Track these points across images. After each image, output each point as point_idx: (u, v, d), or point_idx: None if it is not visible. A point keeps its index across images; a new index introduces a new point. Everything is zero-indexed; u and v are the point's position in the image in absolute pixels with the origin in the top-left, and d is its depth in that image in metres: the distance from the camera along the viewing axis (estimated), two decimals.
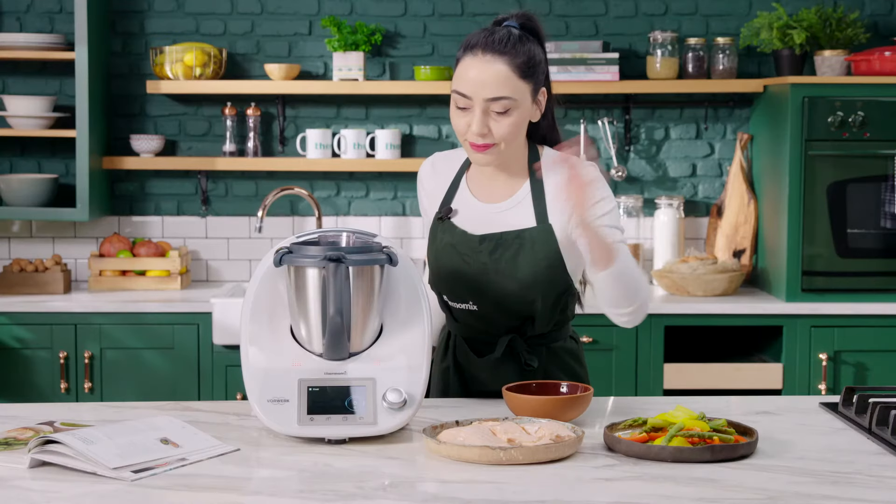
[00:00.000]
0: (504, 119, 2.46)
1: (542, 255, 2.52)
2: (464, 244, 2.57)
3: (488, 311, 2.59)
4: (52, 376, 4.27)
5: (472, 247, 2.56)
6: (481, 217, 2.59)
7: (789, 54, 4.51)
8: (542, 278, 2.53)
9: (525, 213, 2.56)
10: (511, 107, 2.45)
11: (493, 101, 2.44)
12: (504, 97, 2.44)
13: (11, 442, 2.19)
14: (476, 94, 2.45)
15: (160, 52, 4.59)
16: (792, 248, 4.30)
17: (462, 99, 2.47)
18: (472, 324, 2.62)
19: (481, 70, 2.44)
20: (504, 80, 2.44)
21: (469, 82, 2.45)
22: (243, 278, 4.81)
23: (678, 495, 1.92)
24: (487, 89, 2.44)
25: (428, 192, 2.70)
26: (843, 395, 2.48)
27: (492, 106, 2.45)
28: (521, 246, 2.53)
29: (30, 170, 4.79)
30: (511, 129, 2.47)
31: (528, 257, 2.53)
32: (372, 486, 1.97)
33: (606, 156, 4.82)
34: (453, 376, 2.69)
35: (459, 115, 2.49)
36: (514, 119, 2.47)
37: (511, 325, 2.60)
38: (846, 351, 4.28)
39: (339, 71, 4.61)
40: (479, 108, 2.45)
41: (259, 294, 2.34)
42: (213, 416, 2.42)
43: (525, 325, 2.60)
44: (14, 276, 4.48)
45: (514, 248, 2.54)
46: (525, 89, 2.47)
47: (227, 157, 4.69)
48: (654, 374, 4.24)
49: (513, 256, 2.53)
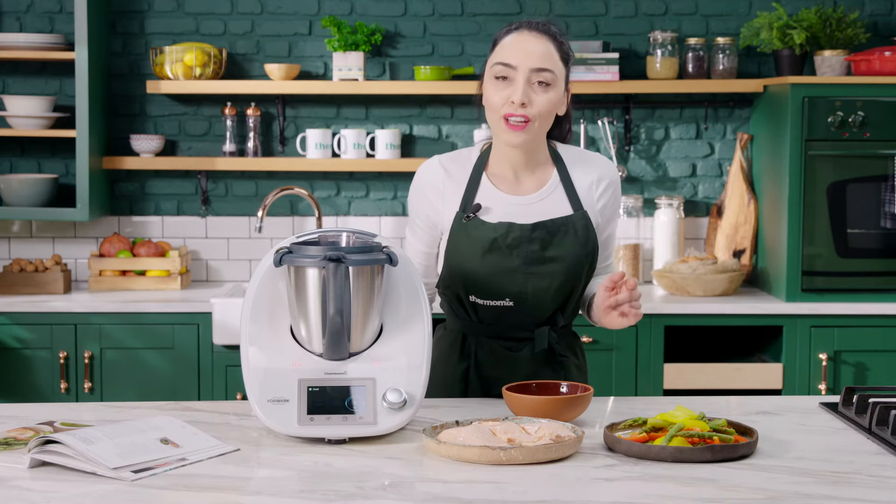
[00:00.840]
0: (545, 93, 2.53)
1: (586, 239, 2.61)
2: (511, 235, 2.58)
3: (529, 303, 2.61)
4: (52, 376, 4.27)
5: (521, 236, 2.58)
6: (516, 209, 2.61)
7: (789, 54, 4.51)
8: (585, 263, 2.62)
9: (560, 202, 2.63)
10: (552, 82, 2.54)
11: (538, 71, 2.52)
12: (548, 69, 2.53)
13: (11, 442, 2.19)
14: (522, 64, 2.52)
15: (160, 52, 4.59)
16: (792, 248, 4.30)
17: (505, 69, 2.53)
18: (500, 321, 2.62)
19: (530, 42, 2.54)
20: (549, 55, 2.54)
21: (516, 52, 2.53)
22: (243, 278, 4.81)
23: (678, 495, 1.92)
24: (534, 59, 2.52)
25: (442, 193, 2.64)
26: (843, 395, 2.48)
27: (535, 77, 2.52)
28: (567, 232, 2.60)
29: (30, 170, 4.79)
30: (548, 106, 2.55)
31: (575, 242, 2.60)
32: (372, 486, 1.97)
33: (607, 156, 4.82)
34: (474, 378, 2.69)
35: (498, 87, 2.54)
36: (552, 97, 2.54)
37: (542, 317, 2.64)
38: (846, 351, 4.28)
39: (339, 71, 4.61)
40: (522, 78, 2.52)
41: (259, 294, 2.34)
42: (213, 416, 2.42)
43: (556, 317, 2.65)
44: (14, 276, 4.48)
45: (563, 233, 2.60)
46: (562, 73, 2.57)
47: (227, 157, 4.69)
48: (654, 374, 4.24)
49: (562, 242, 2.59)
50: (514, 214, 2.60)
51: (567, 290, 2.62)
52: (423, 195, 2.67)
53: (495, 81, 2.55)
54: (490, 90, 2.56)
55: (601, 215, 2.66)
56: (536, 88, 2.52)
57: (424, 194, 2.66)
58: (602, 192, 2.66)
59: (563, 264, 2.59)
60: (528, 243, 2.58)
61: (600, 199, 2.65)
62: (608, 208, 2.67)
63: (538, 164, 2.64)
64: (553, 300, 2.62)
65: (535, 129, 2.54)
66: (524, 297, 2.60)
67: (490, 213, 2.60)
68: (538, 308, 2.62)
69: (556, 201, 2.62)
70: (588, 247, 2.61)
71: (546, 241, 2.59)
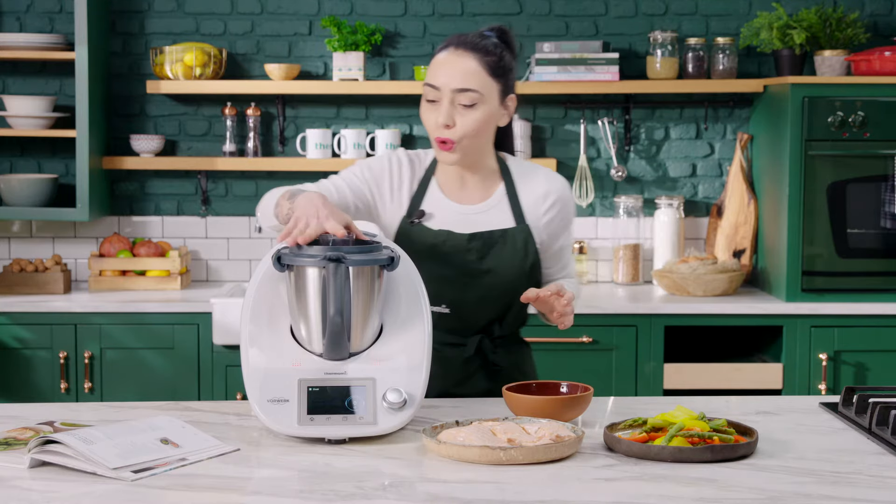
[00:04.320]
0: (469, 113, 2.53)
1: (524, 253, 2.62)
2: (448, 244, 2.60)
3: (464, 311, 2.63)
4: (52, 376, 4.27)
5: (458, 245, 2.60)
6: (458, 218, 2.63)
7: (789, 54, 4.51)
8: (524, 276, 2.63)
9: (503, 215, 2.64)
10: (477, 101, 2.53)
11: (459, 91, 2.52)
12: (471, 89, 2.52)
13: (11, 442, 2.19)
14: (444, 85, 2.53)
15: (160, 52, 4.59)
16: (792, 248, 4.30)
17: (432, 91, 2.54)
18: (436, 326, 2.61)
19: (452, 63, 2.54)
20: (473, 73, 2.53)
21: (441, 73, 2.54)
22: (243, 278, 4.81)
23: (678, 495, 1.92)
24: (455, 80, 2.52)
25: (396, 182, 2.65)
26: (843, 395, 2.48)
27: (459, 98, 2.52)
28: (506, 244, 2.62)
29: (30, 170, 4.79)
30: (475, 124, 2.54)
31: (513, 255, 2.62)
32: (372, 486, 1.97)
33: (607, 156, 4.82)
34: None
35: (429, 109, 2.56)
36: (478, 115, 2.54)
37: (480, 326, 2.65)
38: (846, 351, 4.28)
39: (339, 71, 4.61)
40: (446, 99, 2.53)
41: (259, 294, 2.34)
42: (213, 416, 2.42)
43: (493, 326, 2.66)
44: (14, 276, 4.48)
45: (500, 246, 2.61)
46: (493, 88, 2.55)
47: (227, 157, 4.69)
48: (654, 374, 4.24)
49: (499, 254, 2.61)
50: (456, 223, 2.62)
51: (505, 303, 2.64)
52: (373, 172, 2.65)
53: (426, 104, 2.57)
54: (423, 111, 2.59)
55: (546, 230, 2.67)
56: (461, 109, 2.53)
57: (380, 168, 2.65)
58: (549, 207, 2.66)
59: (498, 277, 2.61)
60: (465, 253, 2.60)
61: (546, 213, 2.66)
62: (555, 223, 2.68)
63: (484, 176, 2.65)
64: (490, 311, 2.64)
65: (463, 149, 2.55)
66: (461, 305, 2.63)
67: (433, 220, 2.63)
68: (474, 316, 2.64)
69: (500, 214, 2.64)
70: (527, 261, 2.63)
71: (482, 252, 2.60)
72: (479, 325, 2.66)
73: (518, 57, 2.68)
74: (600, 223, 4.84)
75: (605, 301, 4.32)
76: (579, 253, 4.74)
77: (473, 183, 2.65)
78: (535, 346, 2.86)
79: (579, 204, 4.77)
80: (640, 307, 4.26)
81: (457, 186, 2.66)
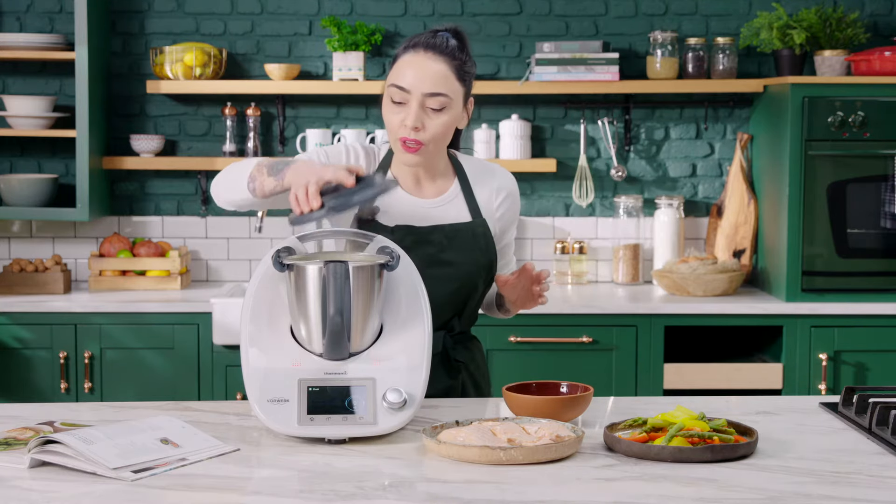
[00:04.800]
0: (438, 117, 2.53)
1: (483, 247, 2.64)
2: (408, 238, 2.58)
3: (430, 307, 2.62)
4: (52, 376, 4.27)
5: (418, 239, 2.59)
6: (415, 211, 2.63)
7: (789, 54, 4.51)
8: (482, 270, 2.65)
9: (459, 210, 2.66)
10: (446, 105, 2.53)
11: (431, 96, 2.51)
12: (442, 94, 2.52)
13: (11, 442, 2.19)
14: (415, 88, 2.52)
15: (160, 52, 4.60)
16: (792, 248, 4.30)
17: (399, 93, 2.53)
18: None
19: (423, 66, 2.52)
20: (444, 78, 2.53)
21: (410, 76, 2.52)
22: (243, 278, 4.81)
23: (678, 495, 1.92)
24: (427, 84, 2.51)
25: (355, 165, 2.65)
26: (843, 395, 2.48)
27: (428, 101, 2.52)
28: (466, 238, 2.63)
29: (30, 170, 4.79)
30: (442, 128, 2.55)
31: (474, 248, 2.63)
32: (372, 486, 1.97)
33: (607, 156, 4.82)
34: None
35: (394, 110, 2.56)
36: (446, 119, 2.54)
37: (439, 322, 2.62)
38: (846, 351, 4.28)
39: (339, 71, 4.61)
40: (416, 102, 2.52)
41: (259, 294, 2.34)
42: (213, 416, 2.42)
43: (452, 322, 2.67)
44: (14, 276, 4.48)
45: (461, 239, 2.62)
46: (459, 92, 2.56)
47: (227, 157, 4.69)
48: (654, 374, 4.24)
49: (460, 247, 2.62)
50: (413, 217, 2.62)
51: (464, 296, 2.65)
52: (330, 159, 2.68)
53: (391, 104, 2.56)
54: (386, 112, 2.58)
55: (498, 224, 2.70)
56: (430, 113, 2.53)
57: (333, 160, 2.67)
58: (501, 201, 2.70)
59: (459, 269, 2.62)
60: (424, 245, 2.60)
61: (499, 208, 2.70)
62: (506, 217, 2.72)
63: (438, 174, 2.67)
64: (450, 305, 2.64)
65: (429, 151, 2.56)
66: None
67: (387, 216, 2.61)
68: (437, 311, 2.60)
69: (456, 208, 2.65)
70: (487, 255, 2.65)
71: (443, 244, 2.61)
72: (440, 321, 2.64)
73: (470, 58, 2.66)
74: (600, 223, 4.84)
75: (605, 301, 4.32)
76: (579, 253, 4.74)
77: (426, 181, 2.66)
78: (535, 346, 2.86)
79: (579, 204, 4.77)
80: (640, 307, 4.26)
81: (412, 182, 2.66)
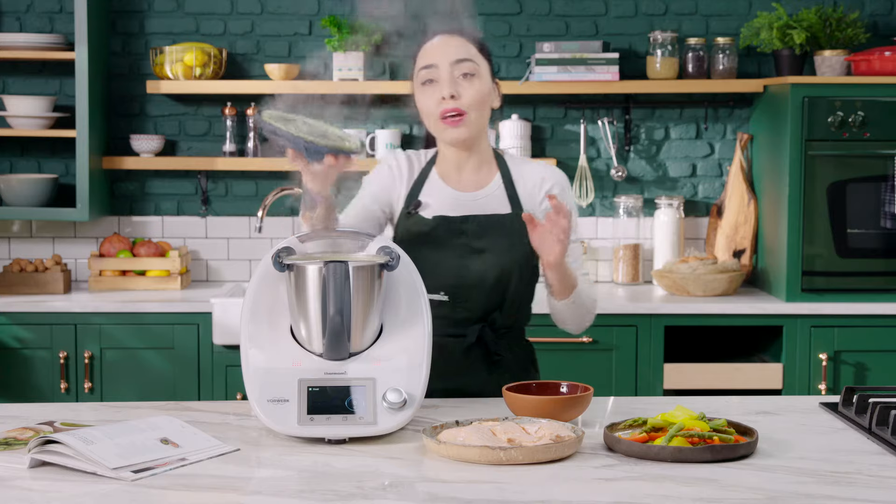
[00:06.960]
0: (471, 84, 2.61)
1: (520, 239, 2.63)
2: (443, 227, 2.64)
3: (461, 297, 2.64)
4: (52, 376, 4.27)
5: (452, 228, 2.65)
6: (457, 203, 2.68)
7: (789, 54, 4.51)
8: (519, 262, 2.66)
9: (500, 202, 2.69)
10: (475, 71, 2.62)
11: (458, 62, 2.60)
12: (468, 59, 2.61)
13: (11, 442, 2.19)
14: (441, 60, 2.61)
15: (160, 52, 4.59)
16: (792, 248, 4.30)
17: (427, 71, 2.62)
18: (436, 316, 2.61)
19: (444, 42, 2.63)
20: (465, 46, 2.63)
21: (434, 53, 2.62)
22: (243, 278, 4.81)
23: (678, 495, 1.92)
24: (451, 52, 2.61)
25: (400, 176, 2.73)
26: (843, 395, 2.48)
27: (457, 69, 2.60)
28: (502, 229, 2.65)
29: (30, 170, 4.79)
30: (478, 95, 2.61)
31: (509, 240, 2.65)
32: (372, 486, 1.97)
33: (607, 156, 4.82)
34: None
35: (427, 93, 2.63)
36: (479, 87, 2.62)
37: (479, 314, 2.66)
38: (846, 351, 4.28)
39: (339, 71, 4.61)
40: (445, 73, 2.60)
41: (259, 294, 2.34)
42: (213, 416, 2.42)
43: (493, 315, 2.67)
44: (14, 276, 4.48)
45: (496, 230, 2.65)
46: (484, 64, 2.65)
47: (227, 157, 4.69)
48: (654, 374, 4.24)
49: (494, 238, 2.64)
50: (451, 208, 2.67)
51: (501, 288, 2.66)
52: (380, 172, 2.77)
53: (423, 87, 2.63)
54: (421, 98, 2.65)
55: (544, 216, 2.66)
56: (461, 81, 2.61)
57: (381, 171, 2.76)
58: (547, 191, 2.69)
59: (493, 257, 2.64)
60: (458, 235, 2.65)
61: (545, 200, 2.69)
62: None
63: (482, 164, 2.71)
64: (488, 296, 2.65)
65: (472, 121, 2.62)
66: (458, 290, 2.64)
67: (429, 209, 2.68)
68: (473, 303, 2.65)
69: (497, 200, 2.69)
70: (523, 246, 2.62)
71: (476, 233, 2.65)
72: (478, 314, 2.66)
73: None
74: (600, 223, 4.84)
75: (605, 301, 4.32)
76: None
77: (471, 168, 2.70)
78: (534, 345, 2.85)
79: (579, 204, 4.77)
80: (640, 307, 4.26)
81: (455, 174, 2.71)
